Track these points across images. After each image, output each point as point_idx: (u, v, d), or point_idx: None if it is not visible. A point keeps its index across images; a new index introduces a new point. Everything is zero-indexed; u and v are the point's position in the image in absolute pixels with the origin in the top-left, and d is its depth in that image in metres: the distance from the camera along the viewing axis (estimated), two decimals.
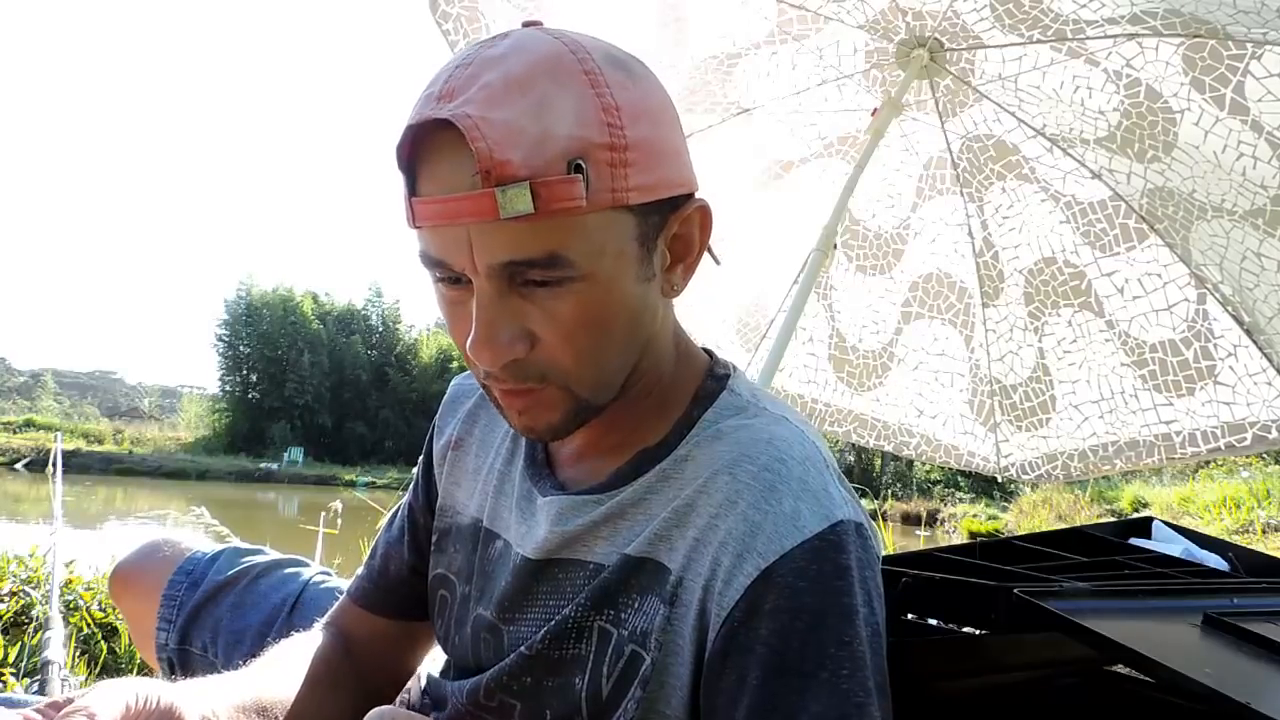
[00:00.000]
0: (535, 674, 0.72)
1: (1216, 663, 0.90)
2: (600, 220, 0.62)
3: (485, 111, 0.58)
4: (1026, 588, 0.97)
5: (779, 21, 1.94)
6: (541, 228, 0.60)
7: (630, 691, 0.67)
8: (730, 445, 0.70)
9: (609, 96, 0.61)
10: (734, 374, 0.78)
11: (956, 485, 24.59)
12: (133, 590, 1.18)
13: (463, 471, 0.88)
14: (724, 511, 0.66)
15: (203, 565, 1.16)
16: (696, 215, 0.70)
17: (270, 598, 1.13)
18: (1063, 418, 2.20)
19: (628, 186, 0.62)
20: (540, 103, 0.59)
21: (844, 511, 0.65)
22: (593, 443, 0.77)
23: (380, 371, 37.95)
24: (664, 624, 0.67)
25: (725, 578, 0.64)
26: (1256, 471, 10.77)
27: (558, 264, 0.61)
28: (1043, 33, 1.73)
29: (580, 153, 0.59)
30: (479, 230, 0.60)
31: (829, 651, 0.60)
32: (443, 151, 0.60)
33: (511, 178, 0.57)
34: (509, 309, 0.63)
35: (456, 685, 0.79)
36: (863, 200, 2.23)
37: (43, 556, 2.72)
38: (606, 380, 0.69)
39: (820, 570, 0.62)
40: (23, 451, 25.88)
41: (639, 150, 0.62)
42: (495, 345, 0.63)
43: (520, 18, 1.89)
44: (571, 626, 0.71)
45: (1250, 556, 1.51)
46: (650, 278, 0.68)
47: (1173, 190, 1.82)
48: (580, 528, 0.73)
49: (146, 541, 1.23)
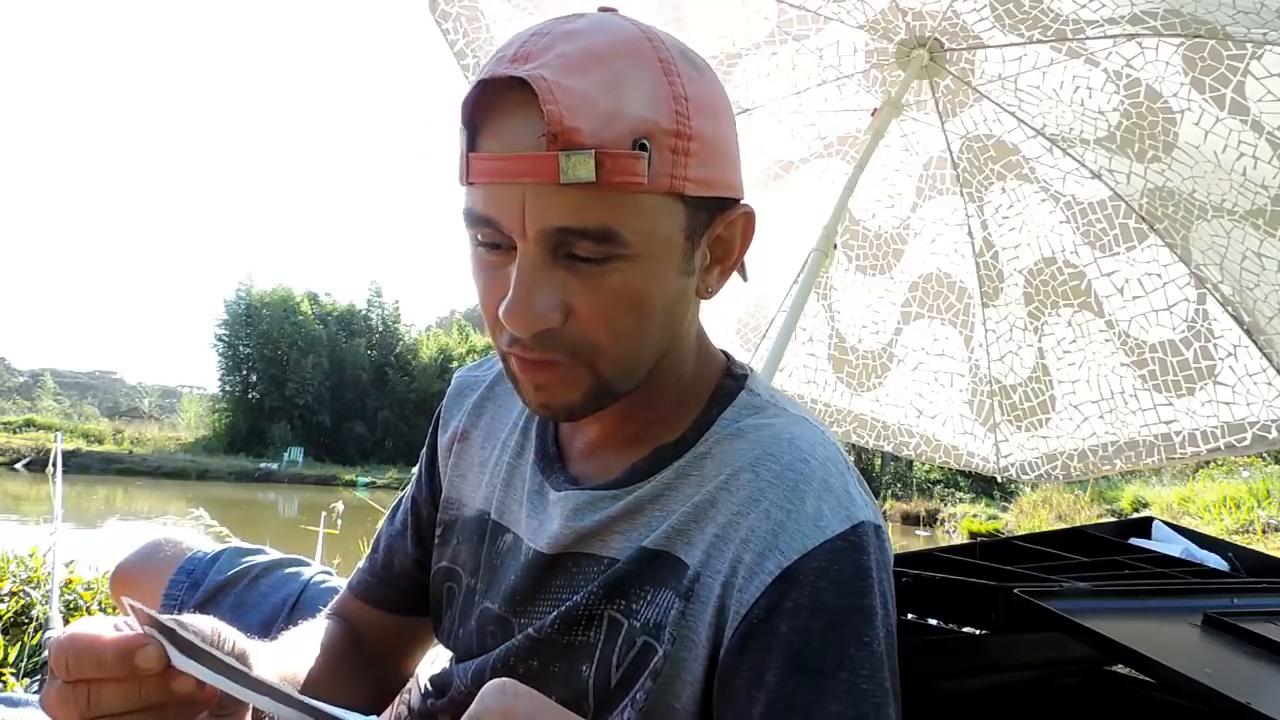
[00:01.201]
0: (541, 658, 0.72)
1: (1216, 663, 0.90)
2: (655, 203, 0.62)
3: (560, 78, 0.58)
4: (1027, 588, 0.97)
5: (779, 22, 1.94)
6: (598, 199, 0.60)
7: (640, 682, 0.67)
8: (752, 444, 0.70)
9: (680, 86, 0.62)
10: (751, 375, 0.78)
11: (956, 485, 24.59)
12: (133, 589, 1.17)
13: (468, 464, 0.87)
14: (746, 509, 0.66)
15: (203, 565, 1.16)
16: (740, 221, 0.70)
17: (271, 598, 1.13)
18: (1062, 418, 2.20)
19: (686, 176, 0.62)
20: (614, 80, 0.60)
21: (865, 513, 0.66)
22: (607, 436, 0.77)
23: (380, 371, 37.98)
24: (678, 617, 0.66)
25: (746, 574, 0.64)
26: (1256, 471, 10.78)
27: (608, 238, 0.61)
28: (1043, 33, 1.73)
29: (646, 134, 0.60)
30: (536, 193, 0.60)
31: (849, 652, 0.60)
32: (510, 110, 0.60)
33: (578, 145, 0.58)
34: (550, 278, 0.62)
35: (461, 668, 0.78)
36: (863, 200, 2.23)
37: (43, 556, 2.72)
38: (633, 366, 0.68)
39: (842, 570, 0.62)
40: (23, 451, 25.90)
41: (700, 143, 0.63)
42: (531, 312, 0.62)
43: (520, 17, 1.89)
44: (582, 614, 0.71)
45: (1250, 556, 1.51)
46: (690, 273, 0.68)
47: (1173, 190, 1.82)
48: (596, 523, 0.72)
49: (148, 541, 1.23)
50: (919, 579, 1.07)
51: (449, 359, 38.97)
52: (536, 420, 0.83)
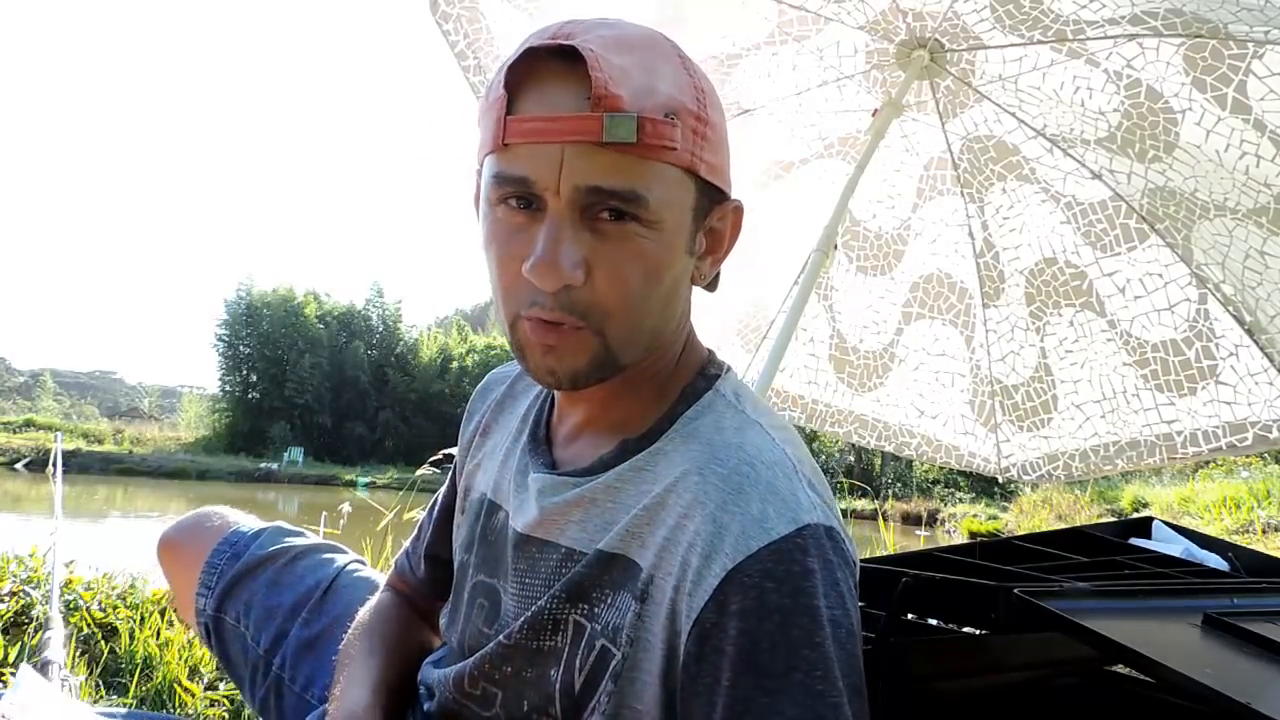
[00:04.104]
0: (515, 664, 0.74)
1: (1216, 663, 0.90)
2: (676, 177, 0.68)
3: (604, 51, 0.64)
4: (1026, 588, 0.98)
5: (779, 22, 1.94)
6: (633, 163, 0.65)
7: (602, 685, 0.68)
8: (702, 446, 0.71)
9: (697, 79, 0.70)
10: (725, 375, 0.79)
11: (956, 485, 24.59)
12: (178, 556, 1.22)
13: (484, 455, 0.91)
14: (692, 511, 0.67)
15: (246, 539, 1.20)
16: (732, 214, 0.76)
17: (305, 580, 1.16)
18: (1064, 418, 2.20)
19: (702, 157, 0.69)
20: (646, 62, 0.66)
21: (812, 516, 0.66)
22: (588, 423, 0.79)
23: (380, 372, 37.95)
24: (635, 620, 0.67)
25: (694, 578, 0.64)
26: (1256, 471, 10.77)
27: (636, 201, 0.65)
28: (1043, 33, 1.73)
29: (675, 111, 0.66)
30: (575, 152, 0.64)
31: (800, 653, 0.61)
32: (553, 78, 0.65)
33: (619, 110, 0.63)
34: (576, 237, 0.66)
35: (442, 674, 0.81)
36: (863, 201, 2.23)
37: (43, 556, 2.72)
38: (637, 335, 0.71)
39: (788, 571, 0.63)
40: (23, 451, 25.89)
41: (714, 130, 0.70)
42: (558, 266, 0.65)
43: (520, 18, 1.89)
44: (548, 618, 0.72)
45: (1250, 556, 1.51)
46: (693, 254, 0.73)
47: (1174, 190, 1.82)
48: (554, 507, 0.75)
49: (196, 511, 1.28)
50: (919, 579, 1.07)
51: (449, 359, 38.94)
52: (536, 406, 0.87)
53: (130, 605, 2.62)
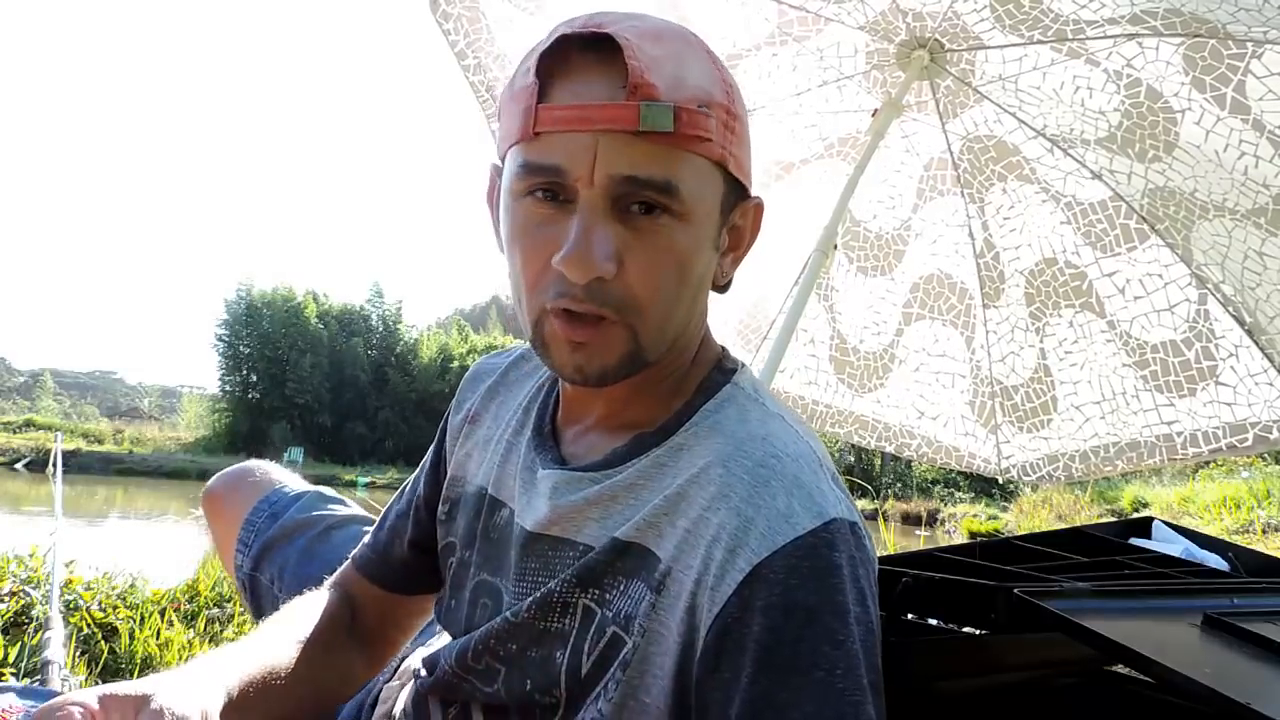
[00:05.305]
0: (520, 641, 0.73)
1: (1216, 663, 0.90)
2: (708, 169, 0.67)
3: (639, 41, 0.64)
4: (1026, 588, 0.97)
5: (779, 23, 1.94)
6: (667, 153, 0.64)
7: (610, 672, 0.67)
8: (726, 439, 0.70)
9: (725, 74, 0.69)
10: (741, 369, 0.79)
11: (956, 485, 24.58)
12: (220, 510, 1.23)
13: (475, 444, 0.89)
14: (716, 504, 0.66)
15: (286, 500, 1.20)
16: (753, 211, 0.76)
17: (339, 551, 1.13)
18: (1064, 419, 2.20)
19: (731, 151, 0.68)
20: (679, 53, 0.66)
21: (837, 510, 0.65)
22: (601, 419, 0.78)
23: (380, 372, 37.95)
24: (649, 610, 0.66)
25: (718, 573, 0.63)
26: (1256, 471, 10.77)
27: (668, 191, 0.64)
28: (1043, 33, 1.73)
29: (707, 103, 0.66)
30: (609, 141, 0.63)
31: (823, 650, 0.60)
32: (586, 67, 0.64)
33: (655, 99, 0.63)
34: (608, 228, 0.65)
35: (446, 649, 0.80)
36: (863, 201, 2.23)
37: (43, 556, 2.72)
38: (665, 331, 0.70)
39: (813, 567, 0.62)
40: (23, 451, 25.90)
41: (741, 125, 0.70)
42: (590, 258, 0.64)
43: (521, 18, 1.89)
44: (556, 600, 0.71)
45: (1250, 556, 1.51)
46: (718, 249, 0.72)
47: (1174, 190, 1.82)
48: (572, 505, 0.73)
49: (240, 465, 1.28)
50: (919, 579, 1.07)
51: (449, 359, 38.92)
52: (539, 399, 0.85)
53: (130, 605, 2.62)
